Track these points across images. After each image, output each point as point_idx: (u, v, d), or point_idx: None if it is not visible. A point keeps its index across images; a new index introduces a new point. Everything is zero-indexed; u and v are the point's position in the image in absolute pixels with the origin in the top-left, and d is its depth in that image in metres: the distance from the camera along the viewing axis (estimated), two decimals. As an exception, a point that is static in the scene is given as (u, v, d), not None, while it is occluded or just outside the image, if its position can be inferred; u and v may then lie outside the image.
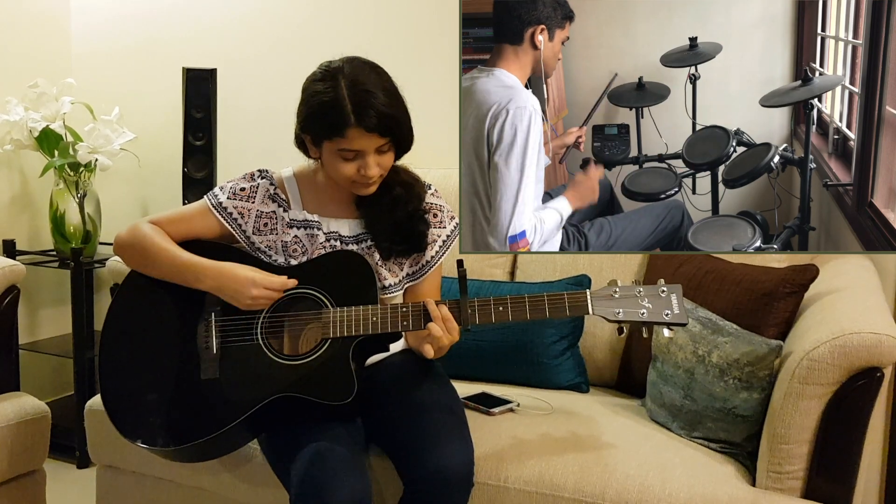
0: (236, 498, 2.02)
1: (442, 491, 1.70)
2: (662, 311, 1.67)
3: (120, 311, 1.91)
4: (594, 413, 2.07)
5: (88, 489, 2.35)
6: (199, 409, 1.78)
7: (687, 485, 1.73)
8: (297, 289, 1.81)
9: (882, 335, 1.65)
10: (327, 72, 1.76)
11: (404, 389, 1.86)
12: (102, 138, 2.93)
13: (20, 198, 3.26)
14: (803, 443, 1.71)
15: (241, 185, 1.91)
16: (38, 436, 2.22)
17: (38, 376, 3.25)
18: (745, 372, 1.83)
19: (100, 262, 3.10)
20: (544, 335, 2.27)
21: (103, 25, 3.37)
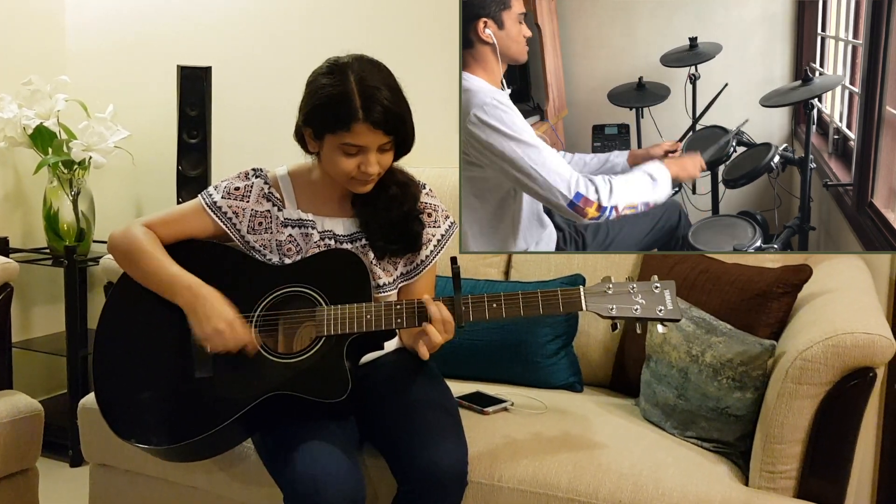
0: (230, 496, 2.02)
1: (436, 490, 1.70)
2: (656, 306, 1.68)
3: (114, 310, 1.90)
4: (588, 412, 2.08)
5: (81, 488, 2.35)
6: (193, 407, 1.77)
7: (680, 484, 1.73)
8: (291, 286, 1.81)
9: (875, 335, 1.66)
10: (335, 66, 1.76)
11: (398, 388, 1.86)
12: (96, 136, 2.92)
13: (13, 195, 3.25)
14: (796, 442, 1.71)
15: (235, 185, 1.90)
16: (31, 434, 2.21)
17: (31, 374, 3.24)
18: (739, 372, 1.84)
19: (93, 261, 3.09)
20: (538, 334, 2.27)
21: (98, 23, 3.36)
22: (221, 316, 1.74)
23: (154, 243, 1.84)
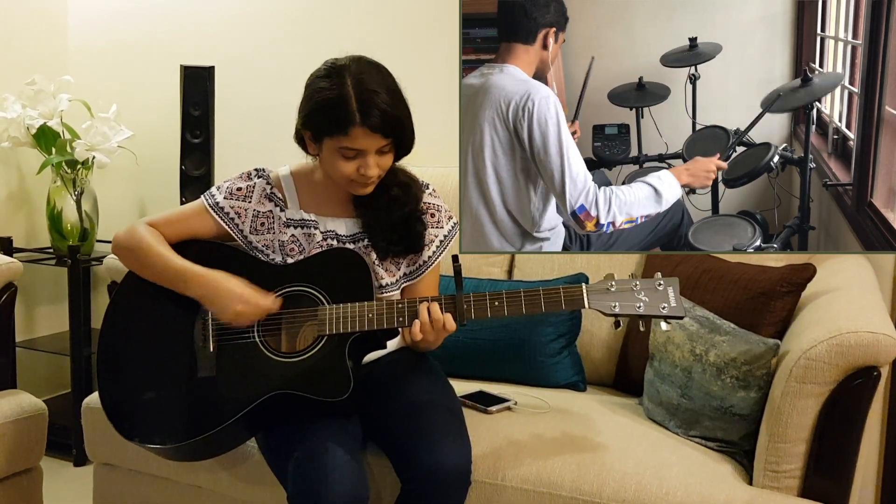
0: (233, 496, 2.02)
1: (439, 489, 1.70)
2: (659, 304, 1.67)
3: (118, 310, 1.91)
4: (591, 412, 2.07)
5: (85, 487, 2.35)
6: (196, 406, 1.78)
7: (684, 483, 1.73)
8: (293, 286, 1.81)
9: (879, 334, 1.65)
10: (333, 69, 1.76)
11: (401, 387, 1.86)
12: (100, 136, 2.93)
13: (17, 195, 3.25)
14: (800, 442, 1.71)
15: (237, 185, 1.91)
16: (35, 433, 2.22)
17: (35, 374, 3.24)
18: (743, 371, 1.83)
19: (97, 260, 3.09)
20: (542, 333, 2.27)
21: (101, 22, 3.36)
22: (237, 297, 1.75)
23: (158, 240, 1.85)
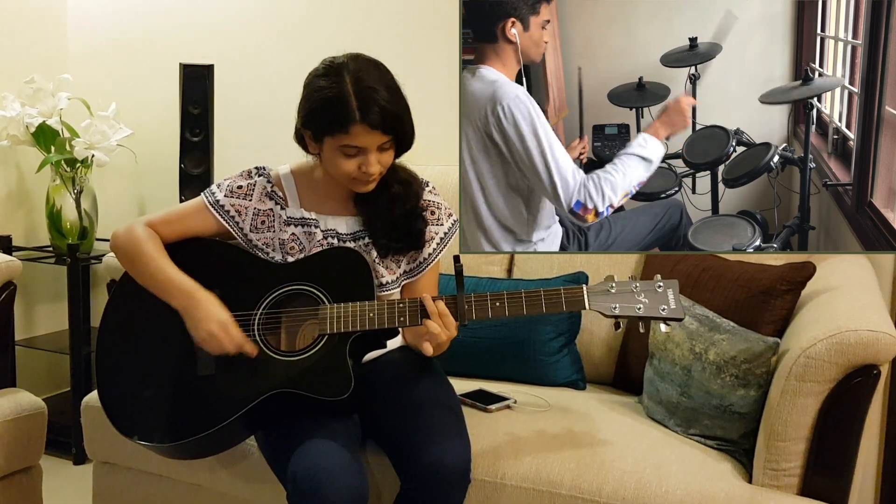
0: (233, 494, 2.02)
1: (439, 487, 1.70)
2: (659, 305, 1.67)
3: (117, 308, 1.91)
4: (591, 410, 2.08)
5: (85, 486, 2.35)
6: (195, 405, 1.78)
7: (683, 482, 1.73)
8: (293, 285, 1.81)
9: (879, 333, 1.65)
10: (331, 67, 1.75)
11: (401, 386, 1.86)
12: (99, 134, 2.93)
13: (16, 194, 3.25)
14: (800, 440, 1.71)
15: (238, 183, 1.90)
16: (35, 432, 2.22)
17: (34, 372, 3.24)
18: (742, 369, 1.83)
19: (96, 259, 3.09)
20: (541, 332, 2.27)
21: (100, 21, 3.36)
22: (215, 318, 1.74)
23: (155, 244, 1.84)
